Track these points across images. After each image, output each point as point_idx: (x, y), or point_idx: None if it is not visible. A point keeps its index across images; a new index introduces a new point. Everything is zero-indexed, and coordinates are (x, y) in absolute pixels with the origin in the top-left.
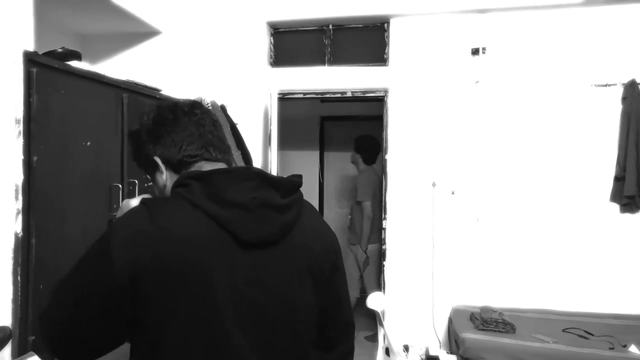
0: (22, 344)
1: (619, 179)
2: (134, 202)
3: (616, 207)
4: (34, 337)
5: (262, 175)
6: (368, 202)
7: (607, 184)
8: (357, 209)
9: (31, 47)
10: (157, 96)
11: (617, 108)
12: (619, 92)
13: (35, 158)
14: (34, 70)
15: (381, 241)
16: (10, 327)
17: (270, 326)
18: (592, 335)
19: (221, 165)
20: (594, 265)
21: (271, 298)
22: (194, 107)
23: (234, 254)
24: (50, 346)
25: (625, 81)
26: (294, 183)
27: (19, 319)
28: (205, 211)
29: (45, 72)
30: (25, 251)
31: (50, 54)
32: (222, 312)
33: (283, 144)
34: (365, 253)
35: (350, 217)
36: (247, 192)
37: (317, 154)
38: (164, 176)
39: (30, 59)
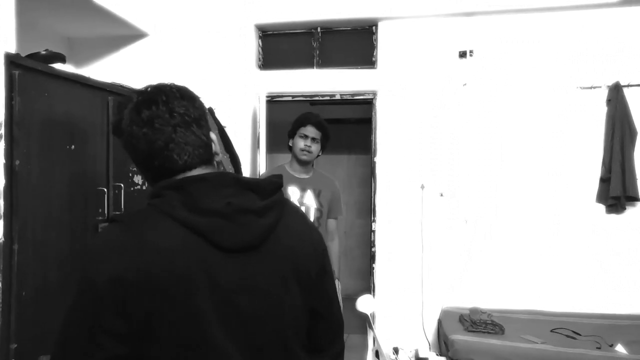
0: (4, 352)
1: (604, 181)
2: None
3: (602, 207)
4: (16, 346)
5: (239, 181)
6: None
7: (593, 185)
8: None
9: (13, 49)
10: None
11: (602, 110)
12: (603, 94)
13: (17, 162)
14: (16, 72)
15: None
16: None
17: (258, 331)
18: (580, 335)
19: (200, 171)
20: (581, 266)
21: (257, 303)
22: (152, 116)
23: (217, 261)
24: None
25: (610, 84)
26: (274, 184)
27: (0, 327)
28: (183, 220)
29: (28, 74)
30: (7, 257)
31: (33, 56)
32: (208, 321)
33: (272, 147)
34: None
35: None
36: (223, 198)
37: None
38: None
39: (12, 61)
